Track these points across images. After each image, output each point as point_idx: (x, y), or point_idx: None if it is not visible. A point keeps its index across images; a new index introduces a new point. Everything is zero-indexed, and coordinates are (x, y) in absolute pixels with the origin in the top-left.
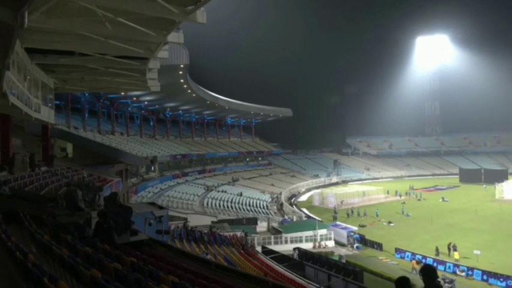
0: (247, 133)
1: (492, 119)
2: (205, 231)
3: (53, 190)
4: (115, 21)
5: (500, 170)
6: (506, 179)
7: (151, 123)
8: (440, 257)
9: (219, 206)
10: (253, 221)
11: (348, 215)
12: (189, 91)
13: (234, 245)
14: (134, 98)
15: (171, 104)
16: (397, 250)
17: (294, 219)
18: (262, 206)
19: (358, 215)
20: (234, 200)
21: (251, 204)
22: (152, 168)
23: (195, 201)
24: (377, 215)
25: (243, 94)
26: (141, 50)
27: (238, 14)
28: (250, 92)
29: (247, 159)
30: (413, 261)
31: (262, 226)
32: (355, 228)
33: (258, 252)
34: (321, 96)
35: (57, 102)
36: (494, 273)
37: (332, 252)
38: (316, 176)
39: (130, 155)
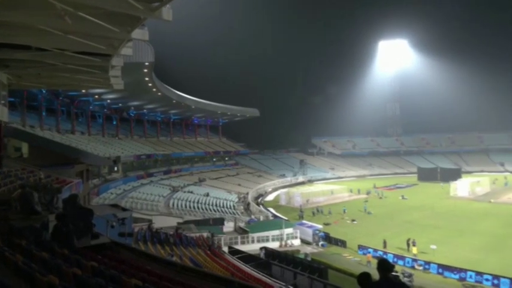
0: (214, 133)
1: (447, 120)
2: (171, 233)
3: (6, 192)
4: (75, 15)
5: (454, 168)
6: (460, 177)
7: (114, 122)
8: (399, 252)
9: (185, 206)
10: (220, 222)
11: (313, 213)
12: (154, 90)
13: (201, 246)
14: (96, 96)
15: (135, 103)
16: (360, 247)
17: (261, 219)
18: (229, 206)
19: (321, 212)
20: (200, 201)
21: (218, 205)
22: (115, 168)
23: (160, 202)
24: (344, 212)
25: (210, 94)
26: (103, 46)
27: (206, 12)
28: (218, 92)
29: (214, 159)
30: (368, 255)
31: (229, 226)
32: (320, 226)
33: (224, 252)
34: (287, 97)
35: (12, 99)
36: (449, 266)
37: (298, 251)
38: (283, 175)
39: (91, 155)
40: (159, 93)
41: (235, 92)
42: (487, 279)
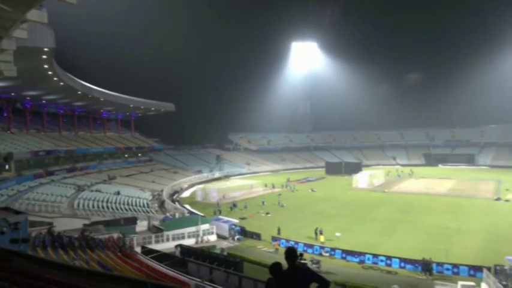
0: (126, 128)
1: (351, 119)
2: (76, 236)
3: None
4: None
5: (356, 162)
6: (361, 170)
7: (5, 114)
8: (309, 241)
9: (93, 207)
10: (133, 221)
11: (230, 208)
12: (56, 79)
13: (110, 248)
14: None
15: (31, 93)
16: (274, 238)
17: (177, 216)
18: (142, 205)
19: (237, 206)
20: (110, 200)
21: (130, 203)
22: (6, 167)
23: (63, 203)
24: (263, 203)
25: (123, 87)
26: None
27: None
28: (131, 85)
29: (126, 156)
30: (276, 243)
31: (142, 225)
32: (236, 221)
33: (137, 253)
34: (204, 92)
35: None
36: (351, 251)
37: (214, 246)
38: (199, 171)
39: None
40: (61, 83)
41: (149, 86)
42: (381, 260)
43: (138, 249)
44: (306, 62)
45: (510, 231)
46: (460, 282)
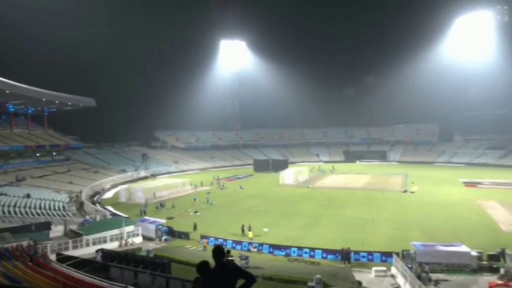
0: (38, 124)
1: (278, 117)
2: None
3: None
4: None
5: (283, 160)
6: (287, 167)
7: None
8: (237, 238)
9: None
10: (46, 226)
11: (157, 208)
12: None
13: (19, 258)
14: None
15: None
16: (202, 237)
17: (98, 219)
18: (57, 208)
19: (162, 206)
20: (18, 204)
21: (43, 207)
22: None
23: None
24: (195, 200)
25: (34, 78)
26: None
27: None
28: (46, 77)
29: (38, 155)
30: (205, 241)
31: (57, 230)
32: (163, 221)
33: (52, 261)
34: (129, 88)
35: None
36: (277, 245)
37: (140, 248)
38: (123, 171)
39: None
40: None
41: (67, 79)
42: (306, 252)
43: (53, 257)
44: (235, 61)
45: (414, 220)
46: (374, 268)
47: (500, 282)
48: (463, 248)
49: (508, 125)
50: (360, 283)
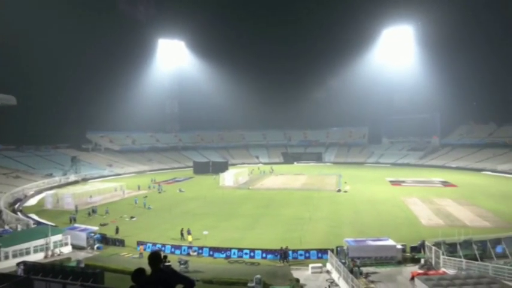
0: None
1: (218, 119)
2: None
3: None
4: None
5: (223, 162)
6: (227, 169)
7: None
8: (177, 242)
9: None
10: None
11: (89, 214)
12: None
13: None
14: None
15: None
16: (139, 243)
17: (19, 229)
18: None
19: (94, 212)
20: None
21: None
22: None
23: None
24: (136, 202)
25: None
26: None
27: None
28: None
29: None
30: (141, 247)
31: None
32: (95, 228)
33: None
34: (57, 86)
35: None
36: (217, 247)
37: (69, 259)
38: (50, 175)
39: None
40: None
41: None
42: (246, 253)
43: None
44: (174, 61)
45: (347, 217)
46: (311, 265)
47: (421, 271)
48: (390, 242)
49: (428, 129)
50: (297, 280)
